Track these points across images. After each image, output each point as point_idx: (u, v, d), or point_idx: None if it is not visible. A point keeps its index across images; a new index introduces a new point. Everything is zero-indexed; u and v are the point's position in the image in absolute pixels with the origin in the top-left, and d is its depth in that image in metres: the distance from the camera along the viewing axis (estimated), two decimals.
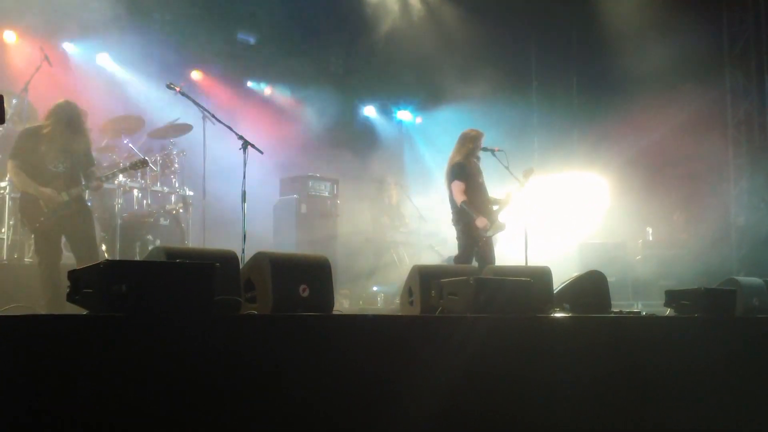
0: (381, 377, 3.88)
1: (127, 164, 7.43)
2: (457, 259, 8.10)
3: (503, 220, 8.12)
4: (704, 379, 5.12)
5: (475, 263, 7.87)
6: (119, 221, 8.48)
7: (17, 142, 6.92)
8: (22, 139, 6.91)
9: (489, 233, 7.92)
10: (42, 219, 6.66)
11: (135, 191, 8.91)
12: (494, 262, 7.89)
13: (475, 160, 8.20)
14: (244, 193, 6.47)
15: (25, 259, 8.01)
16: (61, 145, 6.83)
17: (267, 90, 12.95)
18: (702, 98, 11.90)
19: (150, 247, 6.97)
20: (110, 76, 10.82)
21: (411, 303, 5.24)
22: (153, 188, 9.01)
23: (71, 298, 3.47)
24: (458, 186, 8.01)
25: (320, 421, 3.63)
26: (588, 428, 4.55)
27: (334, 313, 4.67)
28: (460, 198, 7.96)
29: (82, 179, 7.00)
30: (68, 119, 6.84)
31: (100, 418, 3.00)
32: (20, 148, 6.84)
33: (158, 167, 9.02)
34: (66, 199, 6.72)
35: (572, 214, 12.59)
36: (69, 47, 10.67)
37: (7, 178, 8.19)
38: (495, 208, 8.16)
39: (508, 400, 4.32)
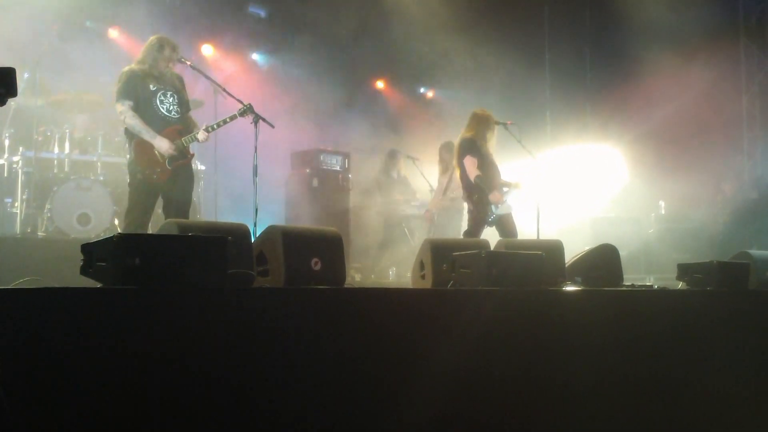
0: (393, 350, 3.90)
1: (236, 113, 6.62)
2: (466, 234, 8.08)
3: (510, 202, 8.08)
4: (716, 352, 5.12)
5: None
6: None
7: (124, 83, 6.36)
8: (128, 78, 6.37)
9: (497, 211, 7.85)
10: (159, 170, 6.29)
11: None
12: (516, 237, 7.86)
13: (485, 141, 8.07)
14: (255, 167, 6.46)
15: (38, 233, 8.05)
16: (170, 84, 6.49)
17: (279, 63, 12.90)
18: (716, 70, 11.75)
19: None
20: (120, 49, 10.79)
21: (423, 276, 5.24)
22: None
23: (85, 271, 3.50)
24: (471, 161, 7.89)
25: (333, 394, 3.65)
26: (598, 399, 4.57)
27: (346, 286, 4.69)
28: (473, 173, 7.85)
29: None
30: (169, 52, 6.48)
31: (112, 390, 3.03)
32: (128, 88, 6.31)
33: None
34: (182, 148, 6.39)
35: (585, 187, 12.54)
36: (80, 21, 10.63)
37: (19, 152, 8.25)
38: (505, 190, 8.11)
39: (519, 372, 4.33)
